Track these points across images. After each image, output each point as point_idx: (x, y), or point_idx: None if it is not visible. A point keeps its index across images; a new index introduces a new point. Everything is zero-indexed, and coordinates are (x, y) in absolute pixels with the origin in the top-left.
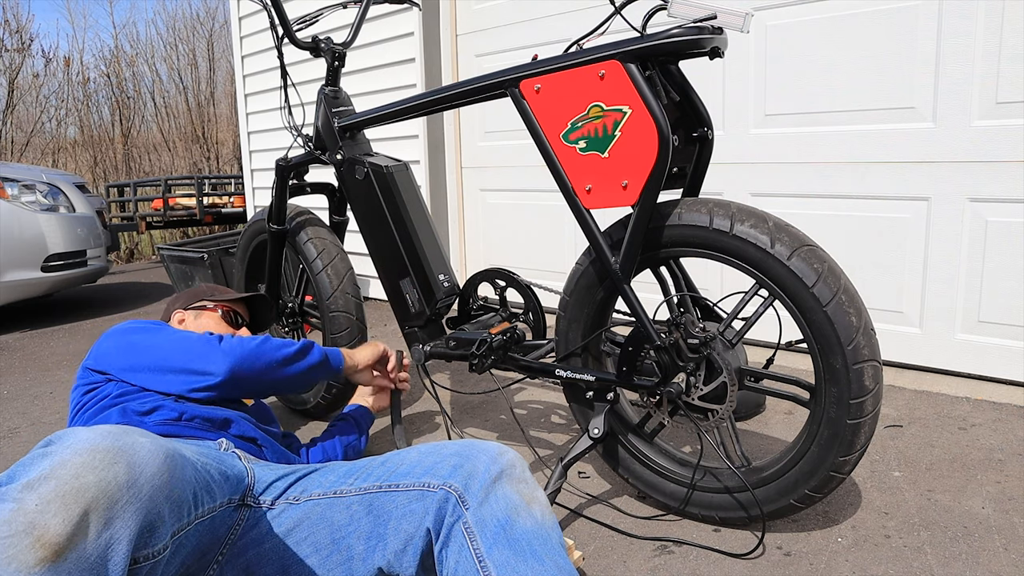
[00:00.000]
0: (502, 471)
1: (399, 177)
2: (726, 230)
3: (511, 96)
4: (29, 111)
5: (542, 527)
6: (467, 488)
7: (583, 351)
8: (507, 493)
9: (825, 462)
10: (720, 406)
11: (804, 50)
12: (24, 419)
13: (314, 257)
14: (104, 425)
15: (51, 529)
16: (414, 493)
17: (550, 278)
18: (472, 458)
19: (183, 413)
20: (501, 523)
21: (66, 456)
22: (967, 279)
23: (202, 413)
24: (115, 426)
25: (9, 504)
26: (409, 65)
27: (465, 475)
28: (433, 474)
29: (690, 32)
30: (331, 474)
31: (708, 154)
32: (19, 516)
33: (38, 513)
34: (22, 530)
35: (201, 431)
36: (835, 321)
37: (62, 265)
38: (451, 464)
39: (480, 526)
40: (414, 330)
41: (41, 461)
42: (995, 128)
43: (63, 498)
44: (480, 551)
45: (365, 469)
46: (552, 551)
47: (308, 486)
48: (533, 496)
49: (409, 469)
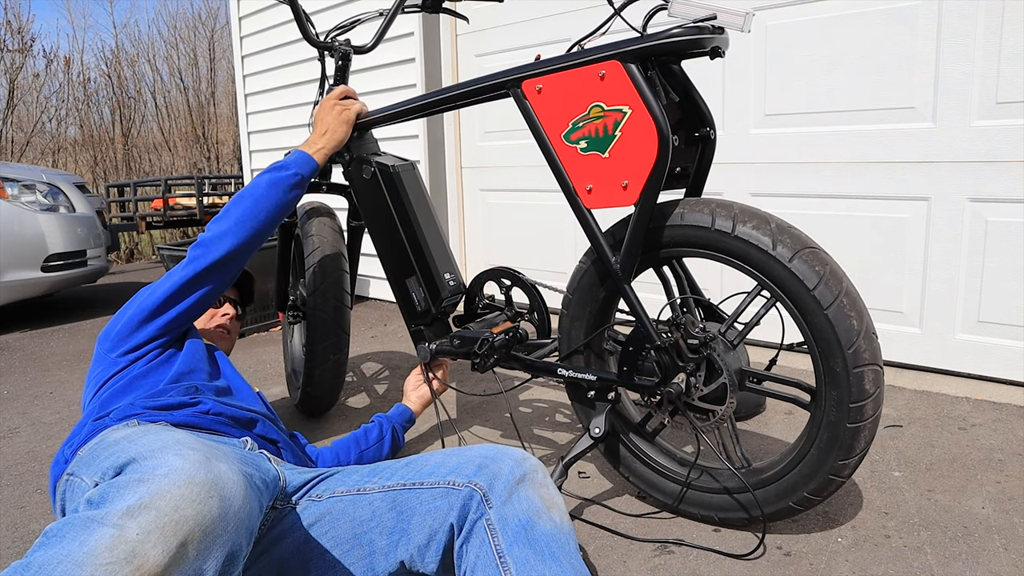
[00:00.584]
0: (525, 475)
1: (406, 176)
2: (728, 231)
3: (513, 96)
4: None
5: (561, 531)
6: (491, 487)
7: (586, 350)
8: (529, 496)
9: (824, 465)
10: (720, 407)
11: (804, 50)
12: (24, 419)
13: (308, 252)
14: (188, 448)
15: (151, 559)
16: (440, 491)
17: (550, 278)
18: (497, 460)
19: (210, 409)
20: (522, 523)
21: (164, 486)
22: (967, 279)
23: (229, 411)
24: (199, 450)
25: (110, 530)
26: (409, 65)
27: (490, 475)
28: (458, 473)
29: (690, 32)
30: (354, 474)
31: (710, 154)
32: (120, 544)
33: (139, 543)
34: (123, 558)
35: (226, 427)
36: (836, 324)
37: (62, 265)
38: (476, 465)
39: (502, 523)
40: (420, 329)
41: (137, 487)
42: (995, 128)
43: (163, 529)
44: (501, 547)
45: (388, 469)
46: (569, 554)
47: (331, 485)
48: (553, 501)
49: (434, 469)
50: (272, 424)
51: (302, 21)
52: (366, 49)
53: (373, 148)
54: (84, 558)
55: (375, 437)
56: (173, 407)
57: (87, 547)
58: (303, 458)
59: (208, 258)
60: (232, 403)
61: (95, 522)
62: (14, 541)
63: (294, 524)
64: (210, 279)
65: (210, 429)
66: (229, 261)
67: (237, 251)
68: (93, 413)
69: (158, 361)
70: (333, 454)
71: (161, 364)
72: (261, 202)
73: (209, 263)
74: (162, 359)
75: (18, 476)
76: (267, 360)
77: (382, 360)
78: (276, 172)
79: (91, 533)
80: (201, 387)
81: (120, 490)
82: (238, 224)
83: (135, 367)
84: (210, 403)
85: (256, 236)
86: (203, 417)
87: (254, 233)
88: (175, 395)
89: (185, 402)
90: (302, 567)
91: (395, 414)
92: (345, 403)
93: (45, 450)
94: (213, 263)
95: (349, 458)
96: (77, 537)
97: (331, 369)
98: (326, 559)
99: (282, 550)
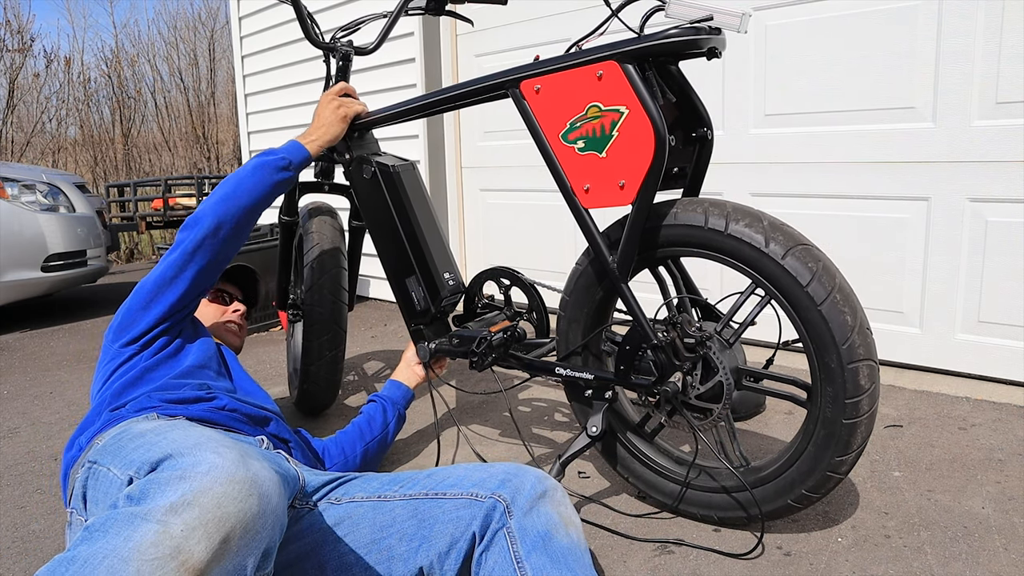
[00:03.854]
0: (546, 491)
1: (406, 176)
2: (721, 229)
3: (512, 96)
4: (29, 111)
5: (577, 547)
6: (514, 500)
7: (583, 349)
8: (548, 511)
9: (822, 462)
10: (717, 405)
11: (804, 50)
12: (24, 419)
13: (307, 249)
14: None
15: (195, 555)
16: (463, 501)
17: (550, 278)
18: (520, 476)
19: (225, 405)
20: (541, 535)
21: (207, 484)
22: (967, 279)
23: (244, 408)
24: (234, 448)
25: (154, 525)
26: (409, 65)
27: (513, 489)
28: (482, 486)
29: (687, 33)
30: (374, 481)
31: (708, 154)
32: (165, 539)
33: (183, 539)
34: (168, 554)
35: (242, 424)
36: (830, 320)
37: (62, 265)
38: (500, 479)
39: (522, 533)
40: (420, 328)
41: (179, 484)
42: (995, 128)
43: (206, 526)
44: (519, 554)
45: (410, 479)
46: (585, 568)
47: (350, 490)
48: (571, 519)
49: (456, 481)
50: (284, 424)
51: (305, 21)
52: (368, 50)
53: (374, 148)
54: (130, 553)
55: (379, 426)
56: (189, 401)
57: (132, 542)
58: (311, 456)
59: (193, 236)
60: (246, 400)
61: (139, 518)
62: (14, 541)
63: (312, 525)
64: (198, 256)
65: (225, 426)
66: (213, 237)
67: (220, 226)
68: (106, 402)
69: (166, 353)
70: (339, 448)
71: (170, 357)
72: (244, 182)
73: (195, 240)
74: (170, 351)
75: (18, 476)
76: (267, 360)
77: (382, 360)
78: (264, 156)
79: (136, 528)
80: (213, 384)
81: (162, 486)
82: (221, 201)
83: (141, 357)
84: (226, 399)
85: (240, 213)
86: (219, 413)
87: (238, 210)
88: (190, 390)
89: (201, 396)
90: (318, 568)
91: (397, 396)
92: (344, 402)
93: (45, 450)
94: (199, 240)
95: (355, 451)
96: (122, 532)
97: (327, 365)
98: (344, 561)
99: (299, 549)
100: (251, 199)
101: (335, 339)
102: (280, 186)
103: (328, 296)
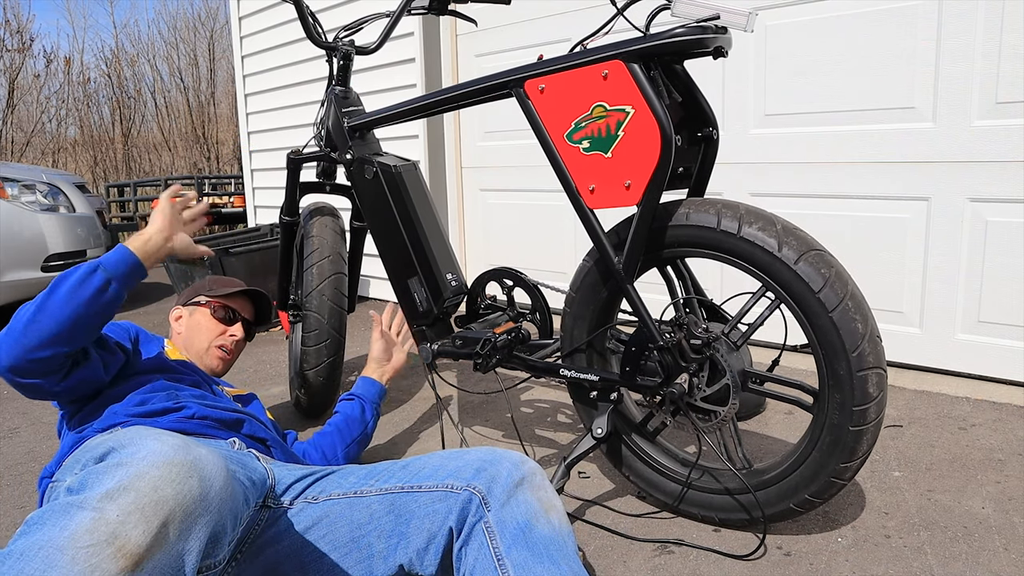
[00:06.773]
0: (523, 478)
1: (408, 177)
2: (734, 232)
3: (516, 96)
4: (29, 111)
5: (559, 534)
6: (490, 491)
7: (588, 349)
8: (527, 499)
9: (826, 468)
10: (723, 408)
11: (804, 50)
12: (24, 419)
13: (308, 253)
14: (167, 435)
15: (132, 540)
16: (438, 494)
17: (551, 278)
18: (495, 463)
19: (195, 413)
20: (520, 526)
21: (143, 468)
22: (967, 279)
23: (214, 414)
24: (177, 436)
25: (90, 513)
26: (409, 65)
27: (488, 478)
28: (457, 477)
29: (693, 32)
30: (350, 476)
31: (713, 154)
32: (101, 526)
33: (119, 524)
34: (104, 540)
35: (213, 430)
36: (840, 327)
37: (62, 265)
38: (474, 468)
39: (500, 526)
40: (422, 329)
41: (116, 471)
42: (995, 128)
43: (143, 510)
44: (499, 550)
45: (386, 472)
46: (568, 557)
47: (327, 487)
48: (551, 504)
49: (432, 472)
50: (259, 423)
51: (306, 21)
52: (370, 50)
53: (375, 148)
54: (65, 542)
55: (359, 425)
56: (157, 413)
57: (68, 531)
58: (293, 457)
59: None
60: (215, 404)
61: (75, 507)
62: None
63: (290, 526)
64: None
65: (197, 433)
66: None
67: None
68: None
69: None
70: (319, 452)
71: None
72: (51, 309)
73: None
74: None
75: (18, 476)
76: (267, 360)
77: None
78: (81, 276)
79: (71, 517)
80: (180, 393)
81: (99, 475)
82: (25, 328)
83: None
84: (195, 407)
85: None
86: (189, 422)
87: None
88: (158, 401)
89: (169, 407)
90: (299, 570)
91: (373, 393)
92: None
93: (45, 450)
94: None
95: (336, 454)
96: (58, 522)
97: (325, 371)
98: (324, 562)
99: (278, 552)
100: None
101: (333, 346)
102: (109, 304)
103: (328, 302)
